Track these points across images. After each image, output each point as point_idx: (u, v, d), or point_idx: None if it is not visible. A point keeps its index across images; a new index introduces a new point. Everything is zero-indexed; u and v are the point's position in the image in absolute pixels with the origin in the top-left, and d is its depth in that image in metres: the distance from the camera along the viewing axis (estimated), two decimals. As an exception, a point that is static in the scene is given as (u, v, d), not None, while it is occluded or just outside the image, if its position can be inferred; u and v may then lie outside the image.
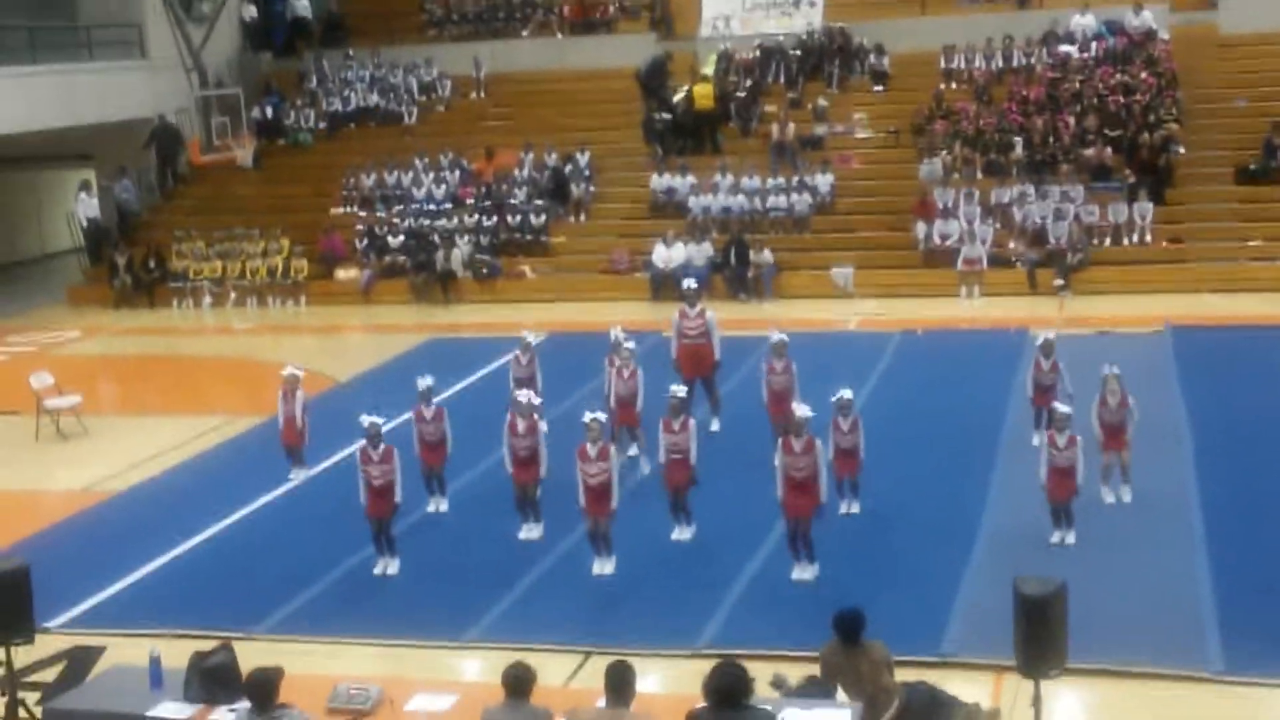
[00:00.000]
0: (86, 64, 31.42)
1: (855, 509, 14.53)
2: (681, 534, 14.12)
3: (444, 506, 15.43)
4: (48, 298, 31.84)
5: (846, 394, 14.26)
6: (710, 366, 17.62)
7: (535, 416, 14.51)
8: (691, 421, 14.12)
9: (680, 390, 14.48)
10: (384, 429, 13.95)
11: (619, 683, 8.17)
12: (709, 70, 31.81)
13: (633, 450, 16.16)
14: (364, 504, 13.65)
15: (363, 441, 13.73)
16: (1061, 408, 13.63)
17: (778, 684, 10.22)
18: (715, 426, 17.36)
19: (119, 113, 31.55)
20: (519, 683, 8.35)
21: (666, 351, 18.00)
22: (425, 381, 15.44)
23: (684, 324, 17.60)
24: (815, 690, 9.85)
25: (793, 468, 12.73)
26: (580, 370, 18.88)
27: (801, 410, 13.13)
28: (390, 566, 13.67)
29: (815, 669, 10.02)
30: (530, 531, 14.41)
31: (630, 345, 16.39)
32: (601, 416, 13.59)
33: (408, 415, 15.73)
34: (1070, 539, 13.35)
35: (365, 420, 13.74)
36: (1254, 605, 11.80)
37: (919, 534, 13.90)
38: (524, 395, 14.71)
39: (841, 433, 14.23)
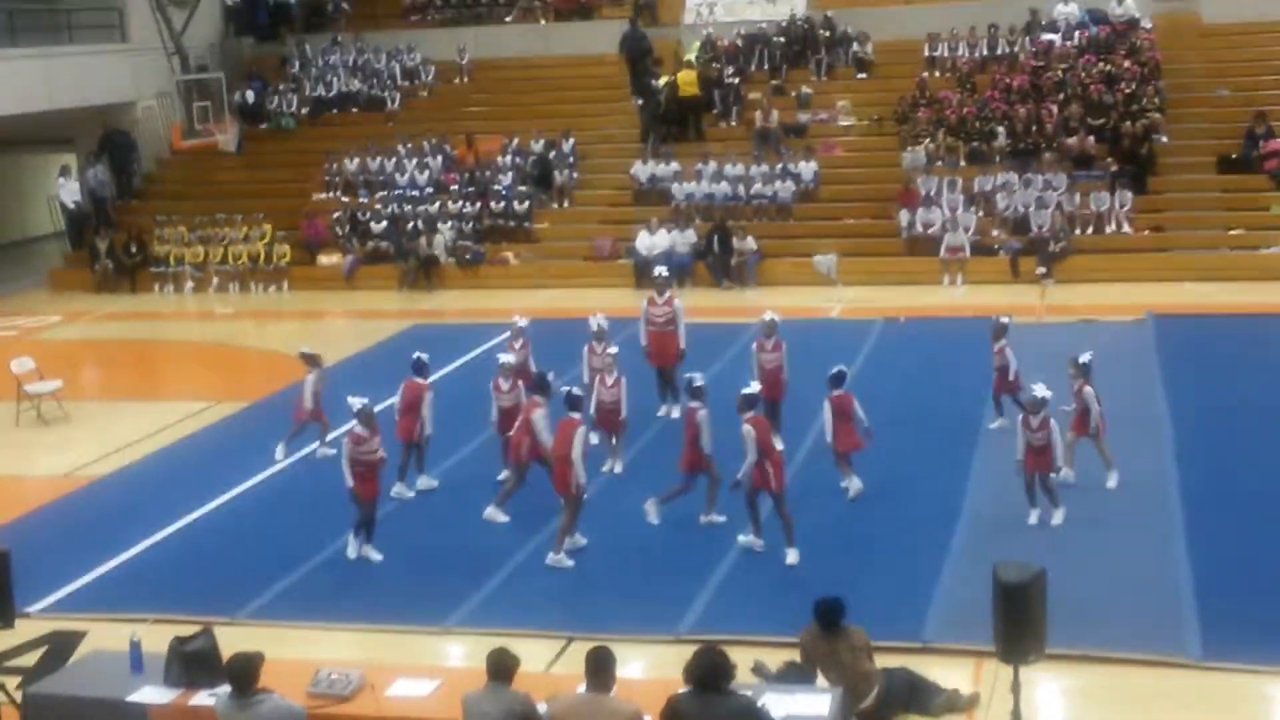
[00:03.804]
0: (67, 47, 31.27)
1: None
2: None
3: (423, 484, 15.49)
4: (29, 282, 31.70)
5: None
6: (674, 355, 17.56)
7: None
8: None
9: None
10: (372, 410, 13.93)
11: (599, 668, 8.19)
12: (692, 57, 31.79)
13: (607, 465, 15.81)
14: (352, 488, 13.43)
15: (351, 424, 13.61)
16: (1038, 393, 13.64)
17: (759, 670, 10.28)
18: (675, 414, 17.30)
19: (99, 97, 31.40)
20: (501, 668, 8.38)
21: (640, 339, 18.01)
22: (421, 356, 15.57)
23: (651, 310, 17.69)
24: (795, 675, 9.90)
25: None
26: (563, 356, 18.82)
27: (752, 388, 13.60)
28: (372, 553, 13.62)
29: (796, 655, 10.06)
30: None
31: (614, 351, 16.10)
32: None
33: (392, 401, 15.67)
34: (1058, 519, 13.45)
35: (355, 402, 13.68)
36: (1232, 592, 11.87)
37: (900, 520, 13.95)
38: (508, 358, 15.51)
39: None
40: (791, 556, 12.99)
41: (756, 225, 27.84)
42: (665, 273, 18.63)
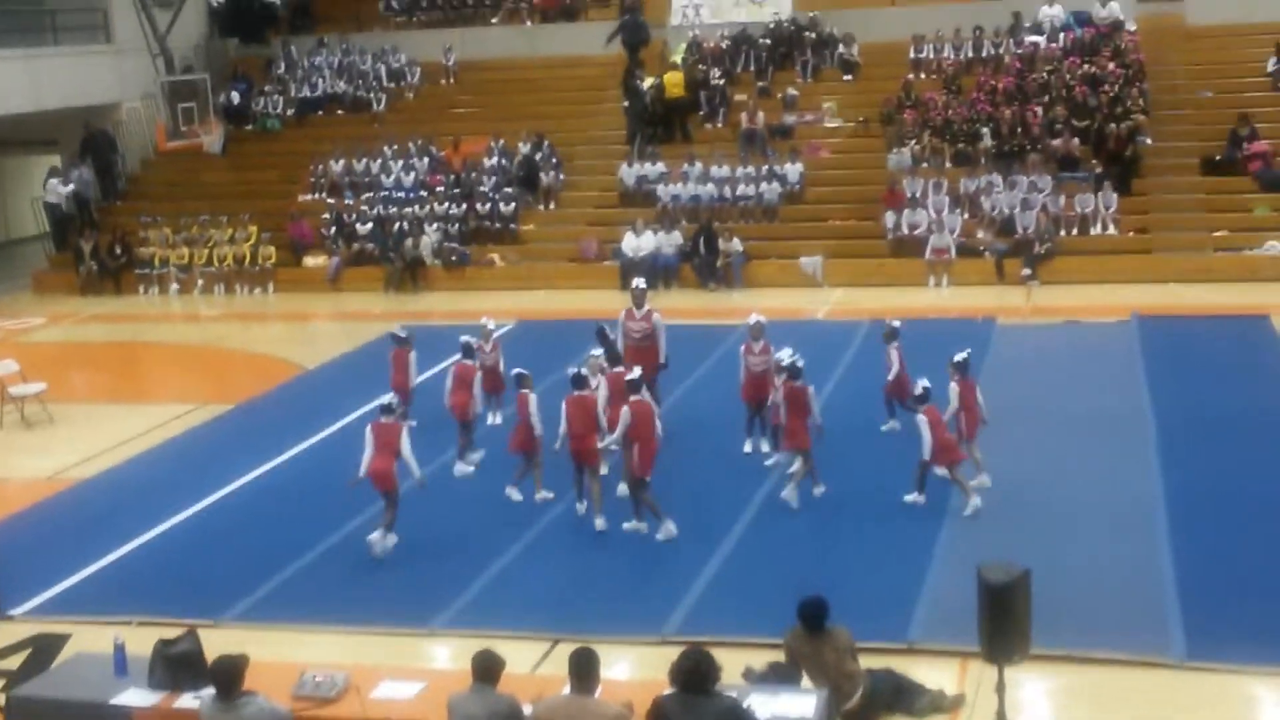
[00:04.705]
0: (51, 49, 31.18)
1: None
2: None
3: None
4: (13, 284, 31.64)
5: (785, 354, 15.07)
6: (653, 368, 17.02)
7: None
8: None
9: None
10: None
11: (583, 670, 8.19)
12: (678, 58, 31.82)
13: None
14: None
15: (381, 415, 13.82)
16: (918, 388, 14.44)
17: (749, 675, 10.26)
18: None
19: (84, 98, 31.32)
20: (486, 670, 8.37)
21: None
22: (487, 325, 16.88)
23: (629, 324, 17.07)
24: (779, 676, 9.89)
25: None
26: (549, 358, 18.82)
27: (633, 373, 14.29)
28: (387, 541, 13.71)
29: (782, 656, 10.06)
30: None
31: (597, 353, 15.87)
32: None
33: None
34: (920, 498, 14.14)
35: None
36: (1216, 593, 11.90)
37: (886, 521, 13.96)
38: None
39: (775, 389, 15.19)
40: (664, 532, 13.67)
41: (742, 227, 27.87)
42: (643, 284, 17.89)
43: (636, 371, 14.42)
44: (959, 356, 14.87)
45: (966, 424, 14.61)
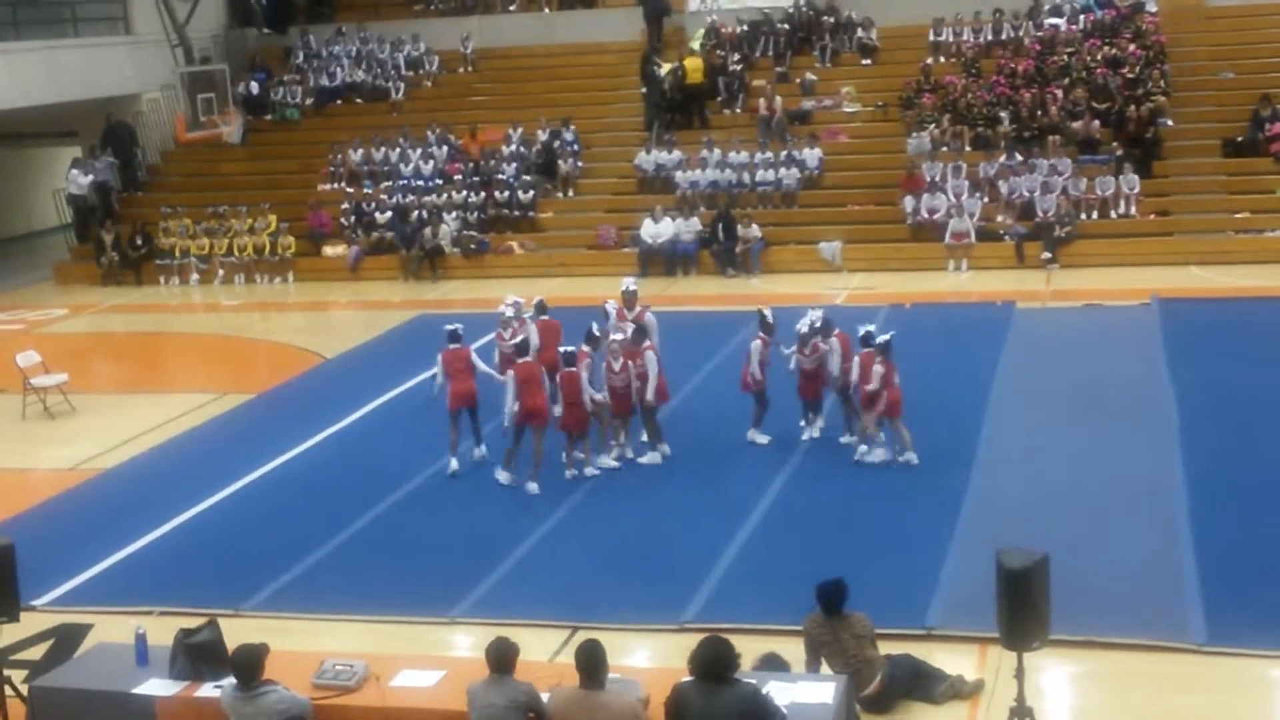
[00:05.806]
0: (71, 40, 31.30)
1: (816, 433, 16.00)
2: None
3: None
4: (34, 275, 31.79)
5: (804, 325, 15.53)
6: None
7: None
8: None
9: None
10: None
11: (590, 664, 8.14)
12: (697, 44, 31.76)
13: (615, 453, 15.79)
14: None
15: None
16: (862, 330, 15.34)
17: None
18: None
19: (103, 89, 31.44)
20: (503, 658, 8.38)
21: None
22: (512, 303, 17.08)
23: (620, 326, 16.57)
24: (770, 666, 9.86)
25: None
26: (567, 344, 18.80)
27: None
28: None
29: (787, 645, 10.05)
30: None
31: (618, 337, 15.76)
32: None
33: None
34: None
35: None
36: (1236, 577, 11.84)
37: (905, 506, 13.95)
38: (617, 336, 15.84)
39: (804, 356, 15.51)
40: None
41: (761, 213, 27.81)
42: (633, 286, 17.38)
43: (520, 338, 15.63)
44: (882, 338, 15.03)
45: (889, 403, 14.80)
